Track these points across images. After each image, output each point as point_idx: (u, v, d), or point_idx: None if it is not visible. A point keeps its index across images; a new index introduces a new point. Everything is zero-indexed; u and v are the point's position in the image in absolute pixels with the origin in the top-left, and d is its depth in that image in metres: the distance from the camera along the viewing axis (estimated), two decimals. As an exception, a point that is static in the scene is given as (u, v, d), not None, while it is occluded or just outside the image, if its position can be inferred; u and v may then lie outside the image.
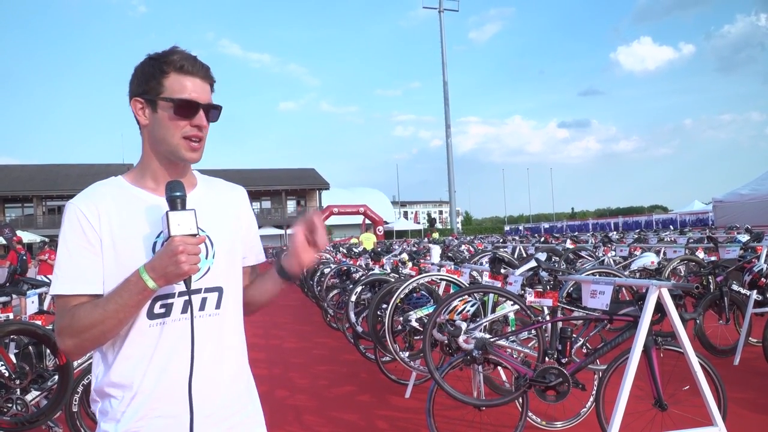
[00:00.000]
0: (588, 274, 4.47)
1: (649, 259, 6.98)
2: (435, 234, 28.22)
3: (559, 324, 3.49)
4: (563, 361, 3.39)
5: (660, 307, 3.10)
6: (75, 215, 1.35)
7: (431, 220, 74.81)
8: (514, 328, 4.03)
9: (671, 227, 25.87)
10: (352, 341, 6.06)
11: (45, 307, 4.84)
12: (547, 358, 3.42)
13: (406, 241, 23.12)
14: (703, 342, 5.26)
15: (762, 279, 5.46)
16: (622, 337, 3.32)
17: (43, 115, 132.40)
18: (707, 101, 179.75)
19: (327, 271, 8.52)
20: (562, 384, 3.33)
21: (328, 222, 40.67)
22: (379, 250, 9.69)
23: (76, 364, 3.89)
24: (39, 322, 4.12)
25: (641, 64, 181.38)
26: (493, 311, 4.02)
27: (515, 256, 9.23)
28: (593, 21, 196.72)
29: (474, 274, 5.09)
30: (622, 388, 2.95)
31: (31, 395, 3.81)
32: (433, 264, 6.11)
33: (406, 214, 73.98)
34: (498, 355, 3.43)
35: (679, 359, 3.18)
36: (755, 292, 5.49)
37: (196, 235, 1.30)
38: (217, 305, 1.44)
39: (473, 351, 3.38)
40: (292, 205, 52.36)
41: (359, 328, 5.63)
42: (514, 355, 3.67)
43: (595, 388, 3.74)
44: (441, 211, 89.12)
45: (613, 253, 8.88)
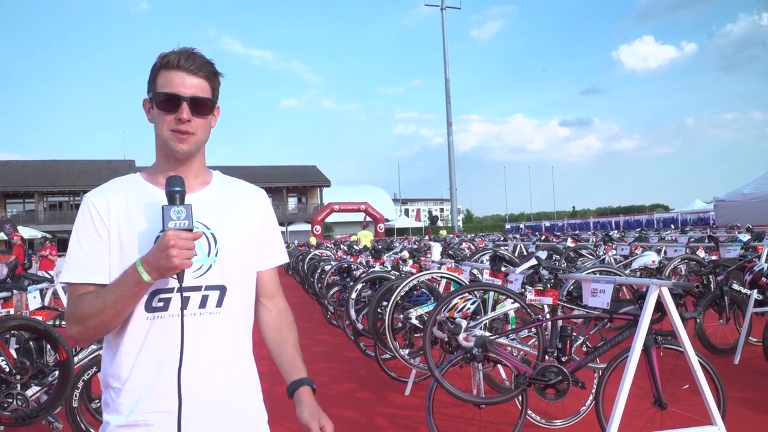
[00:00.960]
0: (588, 273, 4.46)
1: (650, 258, 6.97)
2: (443, 232, 27.99)
3: (560, 322, 3.50)
4: (563, 359, 3.39)
5: (660, 306, 3.10)
6: (87, 208, 1.42)
7: (432, 218, 74.75)
8: (514, 326, 4.03)
9: (672, 226, 25.90)
10: (352, 338, 6.06)
11: (46, 303, 4.85)
12: (547, 357, 3.42)
13: (407, 239, 23.12)
14: (703, 341, 5.26)
15: (762, 278, 5.47)
16: (622, 335, 3.33)
17: (45, 110, 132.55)
18: (709, 100, 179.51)
19: (327, 268, 8.53)
20: (561, 382, 3.33)
21: (329, 219, 40.72)
22: (379, 247, 9.68)
23: (76, 359, 3.90)
24: (40, 318, 4.14)
25: (643, 62, 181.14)
26: (494, 309, 4.03)
27: (516, 254, 9.24)
28: (595, 20, 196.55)
29: (474, 272, 5.09)
30: (622, 387, 2.96)
31: (32, 390, 3.82)
32: (433, 262, 6.12)
33: (407, 212, 73.93)
34: (498, 353, 3.43)
35: (678, 358, 3.18)
36: (756, 291, 5.50)
37: (192, 230, 1.30)
38: (219, 303, 1.43)
39: (473, 349, 3.38)
40: (293, 202, 52.40)
41: (359, 326, 5.63)
42: (514, 353, 3.67)
43: (594, 387, 3.74)
44: (442, 209, 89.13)
45: (614, 251, 8.89)
